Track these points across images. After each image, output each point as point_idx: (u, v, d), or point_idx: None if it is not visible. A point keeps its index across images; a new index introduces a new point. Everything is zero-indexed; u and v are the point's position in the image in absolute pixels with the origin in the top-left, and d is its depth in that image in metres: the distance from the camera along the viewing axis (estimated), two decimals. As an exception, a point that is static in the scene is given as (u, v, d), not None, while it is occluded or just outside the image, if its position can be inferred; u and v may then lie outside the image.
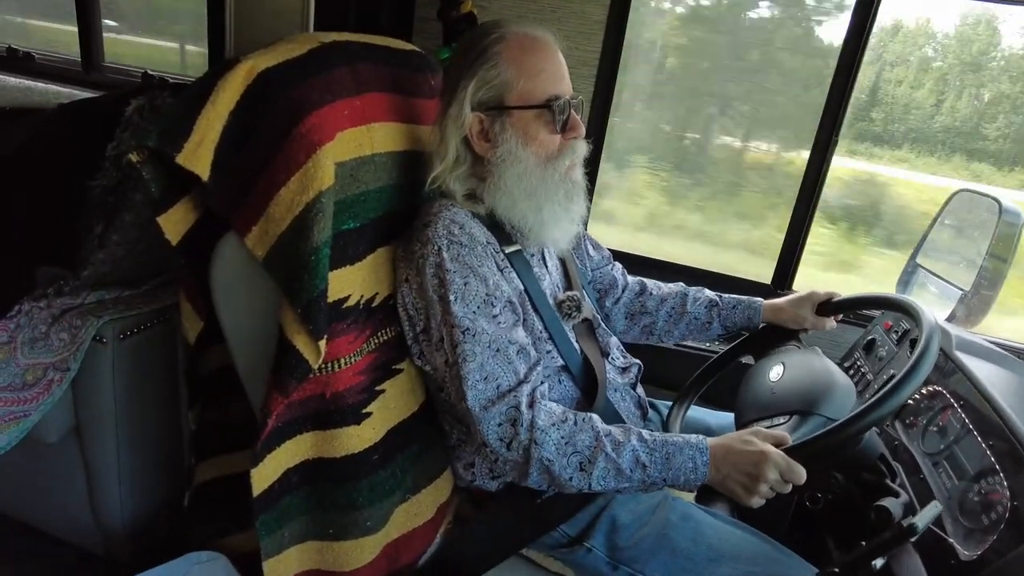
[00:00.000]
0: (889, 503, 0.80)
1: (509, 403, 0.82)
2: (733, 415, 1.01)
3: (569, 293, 0.98)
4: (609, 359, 1.03)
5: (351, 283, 0.85)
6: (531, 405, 0.82)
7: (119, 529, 1.24)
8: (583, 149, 0.93)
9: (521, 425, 0.81)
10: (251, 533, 0.85)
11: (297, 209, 0.77)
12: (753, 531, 0.93)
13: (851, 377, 1.01)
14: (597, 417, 0.84)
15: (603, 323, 1.08)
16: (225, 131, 0.77)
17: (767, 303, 1.12)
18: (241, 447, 1.02)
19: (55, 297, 1.19)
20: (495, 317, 0.84)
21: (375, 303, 0.90)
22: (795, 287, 1.63)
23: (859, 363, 1.19)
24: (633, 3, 1.54)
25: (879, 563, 0.78)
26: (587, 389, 0.95)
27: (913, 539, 0.73)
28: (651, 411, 1.11)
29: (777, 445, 0.80)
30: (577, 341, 0.97)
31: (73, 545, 1.31)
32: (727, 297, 1.14)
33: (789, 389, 0.93)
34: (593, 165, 1.59)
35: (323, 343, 0.78)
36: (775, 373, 0.97)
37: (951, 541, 0.78)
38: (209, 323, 0.91)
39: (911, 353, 0.82)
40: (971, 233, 1.41)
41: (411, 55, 1.07)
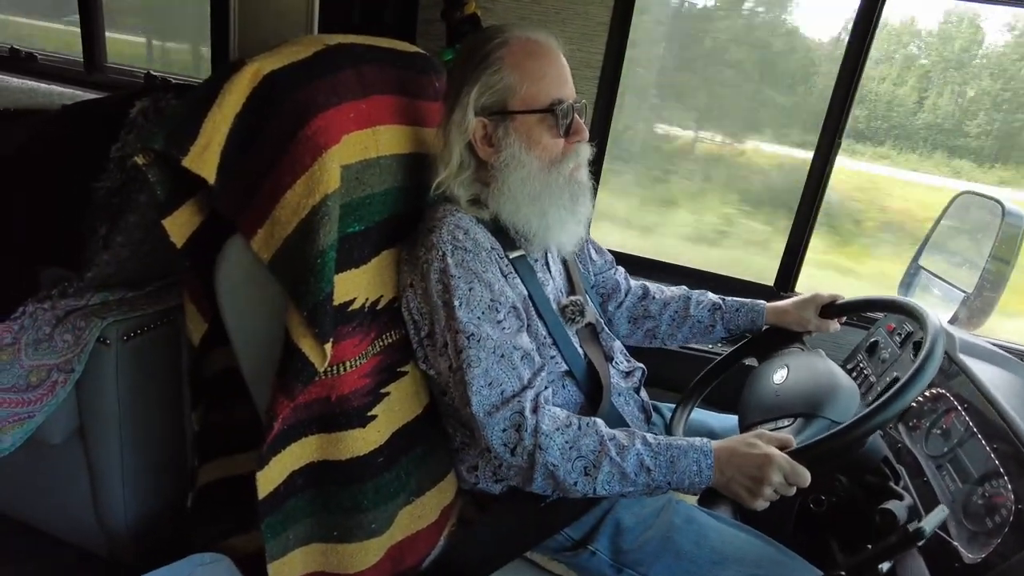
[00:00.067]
0: (893, 506, 0.80)
1: (513, 408, 0.82)
2: (737, 418, 1.01)
3: (572, 298, 0.98)
4: (613, 363, 1.03)
5: (356, 286, 0.85)
6: (535, 410, 0.82)
7: (122, 530, 1.24)
8: (587, 152, 0.92)
9: (525, 430, 0.81)
10: (254, 534, 0.85)
11: (303, 212, 0.77)
12: (757, 534, 0.93)
13: (854, 379, 1.01)
14: (601, 421, 0.84)
15: (606, 327, 1.08)
16: (231, 134, 0.77)
17: (770, 305, 1.12)
18: (244, 449, 1.03)
19: (59, 299, 1.19)
20: (499, 323, 0.84)
21: (380, 306, 0.90)
22: (798, 289, 1.63)
23: (862, 365, 1.19)
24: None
25: (885, 567, 0.78)
26: (591, 394, 0.95)
27: (920, 543, 0.74)
28: (655, 414, 1.11)
29: (781, 448, 0.80)
30: (581, 346, 0.97)
31: (76, 546, 1.31)
32: (730, 300, 1.14)
33: (793, 391, 0.93)
34: (597, 167, 1.59)
35: (329, 346, 0.78)
36: (779, 376, 0.97)
37: (955, 544, 0.78)
38: (213, 325, 0.91)
39: (914, 356, 0.82)
40: (974, 235, 1.42)
41: (415, 57, 1.07)
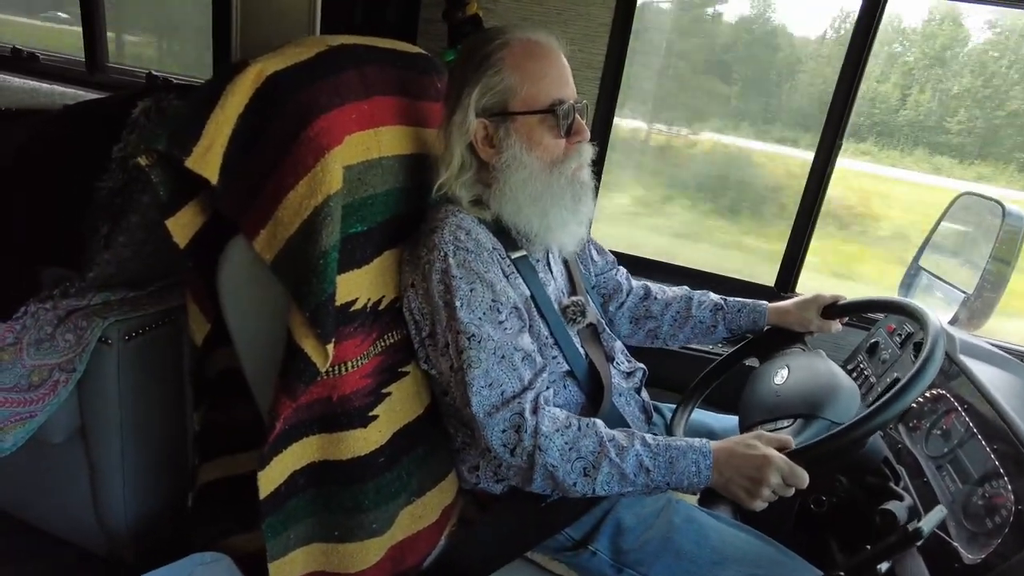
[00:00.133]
0: (893, 506, 0.80)
1: (513, 409, 0.82)
2: (737, 418, 1.01)
3: (574, 298, 0.98)
4: (614, 364, 1.03)
5: (358, 286, 0.85)
6: (535, 411, 0.82)
7: (122, 529, 1.24)
8: (589, 152, 0.93)
9: (525, 431, 0.81)
10: (255, 534, 0.85)
11: (305, 213, 0.77)
12: (757, 534, 0.93)
13: (854, 380, 1.01)
14: (601, 422, 0.84)
15: (607, 328, 1.08)
16: (234, 135, 0.77)
17: (772, 306, 1.12)
18: (245, 448, 1.03)
19: (61, 298, 1.19)
20: (501, 323, 0.84)
21: (382, 306, 0.90)
22: (798, 290, 1.64)
23: (862, 366, 1.19)
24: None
25: (884, 567, 0.78)
26: (592, 394, 0.95)
27: (919, 543, 0.74)
28: (655, 415, 1.11)
29: (780, 449, 0.80)
30: (582, 346, 0.97)
31: (76, 546, 1.31)
32: (732, 300, 1.14)
33: (793, 392, 0.93)
34: (598, 167, 1.60)
35: (331, 347, 0.79)
36: (779, 376, 0.97)
37: (955, 544, 0.79)
38: (216, 325, 0.91)
39: (915, 357, 0.82)
40: (974, 236, 1.42)
41: (417, 58, 1.07)
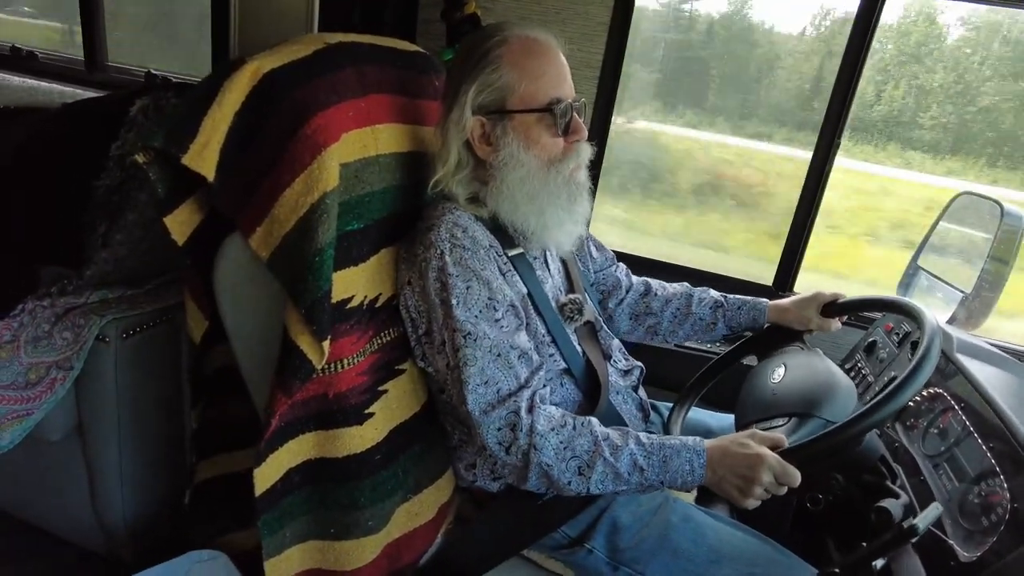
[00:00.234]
0: (889, 504, 0.80)
1: (509, 408, 0.82)
2: (734, 416, 1.01)
3: (571, 296, 0.98)
4: (611, 362, 1.03)
5: (355, 284, 0.85)
6: (530, 410, 0.82)
7: (120, 528, 1.24)
8: (587, 151, 0.92)
9: (520, 430, 0.81)
10: (251, 531, 0.86)
11: (302, 210, 0.77)
12: (754, 532, 0.94)
13: (852, 379, 1.01)
14: (596, 421, 0.85)
15: (605, 325, 1.08)
16: (231, 132, 0.77)
17: (772, 304, 1.12)
18: (242, 446, 1.03)
19: (58, 296, 1.19)
20: (497, 321, 0.84)
21: (378, 304, 0.90)
22: (796, 289, 1.64)
23: (860, 365, 1.20)
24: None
25: (879, 564, 0.78)
26: (589, 392, 0.95)
27: (913, 540, 0.74)
28: (653, 413, 1.11)
29: (773, 448, 0.80)
30: (579, 344, 0.97)
31: (74, 544, 1.31)
32: (732, 298, 1.14)
33: (790, 390, 0.93)
34: (596, 167, 1.60)
35: (327, 344, 0.79)
36: (776, 375, 0.97)
37: (951, 543, 0.79)
38: (214, 323, 0.91)
39: (912, 355, 0.82)
40: (972, 236, 1.42)
41: (416, 56, 1.07)
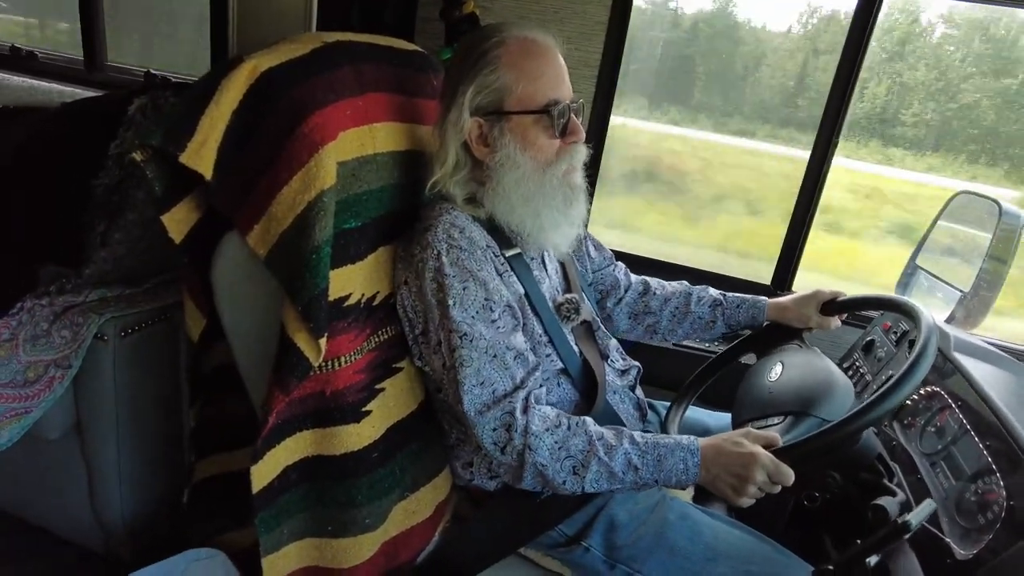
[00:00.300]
0: (886, 502, 0.80)
1: (504, 408, 0.82)
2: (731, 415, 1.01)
3: (568, 296, 0.98)
4: (608, 361, 1.03)
5: (352, 282, 0.85)
6: (525, 410, 0.82)
7: (119, 527, 1.24)
8: (583, 153, 0.92)
9: (515, 430, 0.81)
10: (249, 530, 0.85)
11: (299, 208, 0.77)
12: (750, 530, 0.94)
13: (850, 378, 1.01)
14: (591, 421, 0.85)
15: (603, 325, 1.08)
16: (228, 130, 0.77)
17: (771, 302, 1.11)
18: (240, 444, 1.03)
19: (57, 295, 1.20)
20: (494, 322, 0.84)
21: (376, 302, 0.90)
22: (794, 288, 1.64)
23: (858, 364, 1.20)
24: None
25: (874, 560, 0.78)
26: (586, 392, 0.95)
27: (907, 536, 0.74)
28: (650, 412, 1.11)
29: (768, 446, 0.80)
30: (576, 344, 0.97)
31: (73, 543, 1.31)
32: (731, 296, 1.14)
33: (786, 389, 0.93)
34: (594, 168, 1.60)
35: (324, 341, 0.79)
36: (773, 373, 0.97)
37: (947, 540, 0.79)
38: (212, 321, 0.91)
39: (909, 354, 0.82)
40: (971, 235, 1.42)
41: (414, 55, 1.07)
